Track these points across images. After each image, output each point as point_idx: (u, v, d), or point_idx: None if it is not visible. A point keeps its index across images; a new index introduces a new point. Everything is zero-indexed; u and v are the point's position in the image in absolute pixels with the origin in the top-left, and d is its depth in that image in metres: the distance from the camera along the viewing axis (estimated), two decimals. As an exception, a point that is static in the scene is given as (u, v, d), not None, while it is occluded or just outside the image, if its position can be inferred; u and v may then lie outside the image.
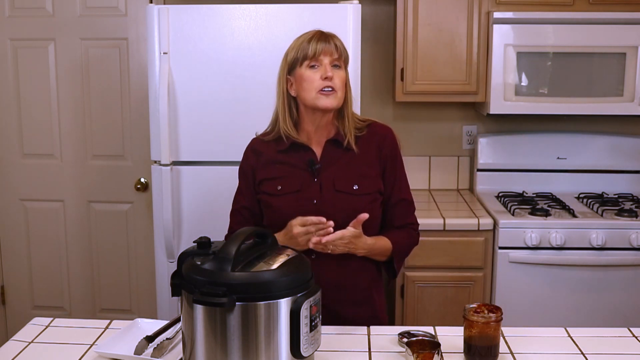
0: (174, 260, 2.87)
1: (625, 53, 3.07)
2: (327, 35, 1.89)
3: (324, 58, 1.86)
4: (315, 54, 1.86)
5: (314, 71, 1.86)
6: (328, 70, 1.85)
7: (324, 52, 1.86)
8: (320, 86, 1.85)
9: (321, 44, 1.86)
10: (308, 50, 1.86)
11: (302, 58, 1.87)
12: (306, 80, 1.86)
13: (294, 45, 1.91)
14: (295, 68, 1.89)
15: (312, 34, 1.90)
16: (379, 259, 1.98)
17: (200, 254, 1.52)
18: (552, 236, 2.89)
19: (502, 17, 3.07)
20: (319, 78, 1.85)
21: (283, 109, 1.93)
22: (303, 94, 1.89)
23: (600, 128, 3.49)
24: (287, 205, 1.92)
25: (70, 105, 3.53)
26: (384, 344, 1.73)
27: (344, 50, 1.90)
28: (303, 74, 1.87)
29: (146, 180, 3.54)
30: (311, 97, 1.87)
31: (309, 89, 1.86)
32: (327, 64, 1.86)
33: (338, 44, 1.88)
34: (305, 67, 1.87)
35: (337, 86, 1.87)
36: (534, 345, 1.73)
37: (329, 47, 1.87)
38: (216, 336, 1.44)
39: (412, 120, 3.53)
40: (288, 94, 1.93)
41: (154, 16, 2.76)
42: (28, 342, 1.75)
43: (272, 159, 1.96)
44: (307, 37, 1.89)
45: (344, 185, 1.92)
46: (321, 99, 1.86)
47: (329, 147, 1.95)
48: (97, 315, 3.68)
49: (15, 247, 3.69)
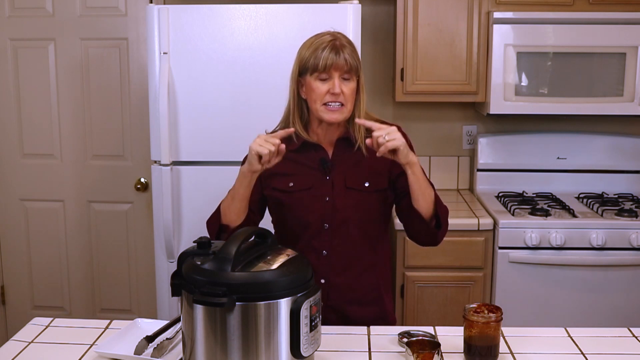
0: (174, 260, 2.87)
1: (625, 53, 3.07)
2: (338, 47, 1.85)
3: (334, 72, 1.84)
4: (325, 67, 1.83)
5: (322, 83, 1.85)
6: (336, 87, 1.83)
7: (334, 67, 1.83)
8: (327, 100, 1.85)
9: (332, 56, 1.83)
10: (319, 63, 1.83)
11: (313, 69, 1.85)
12: (314, 91, 1.86)
13: (307, 47, 1.88)
14: (305, 73, 1.87)
15: (325, 42, 1.85)
16: (422, 199, 1.84)
17: (200, 254, 1.51)
18: (552, 236, 2.89)
19: (502, 17, 3.07)
20: (326, 91, 1.84)
21: (294, 110, 1.93)
22: (311, 103, 1.89)
23: (600, 128, 3.49)
24: (299, 202, 1.93)
25: (70, 105, 3.53)
26: (384, 344, 1.73)
27: (354, 63, 1.86)
28: (312, 83, 1.86)
29: (146, 180, 3.54)
30: (317, 108, 1.87)
31: (316, 99, 1.86)
32: (337, 77, 1.84)
33: (348, 58, 1.84)
34: (314, 78, 1.85)
35: (346, 99, 1.86)
36: (534, 345, 1.73)
37: (339, 61, 1.83)
38: (216, 336, 1.44)
39: (412, 120, 3.53)
40: (299, 96, 1.92)
41: (154, 16, 2.76)
42: (28, 342, 1.75)
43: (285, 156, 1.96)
44: (321, 44, 1.85)
45: (355, 182, 1.92)
46: (326, 113, 1.86)
47: (340, 145, 1.95)
48: (97, 315, 3.68)
49: (15, 247, 3.68)
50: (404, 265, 3.01)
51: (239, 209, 1.89)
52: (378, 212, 1.96)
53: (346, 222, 1.92)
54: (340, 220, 1.92)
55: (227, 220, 1.90)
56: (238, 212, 1.89)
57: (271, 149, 1.76)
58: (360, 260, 1.95)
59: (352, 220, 1.92)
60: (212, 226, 1.96)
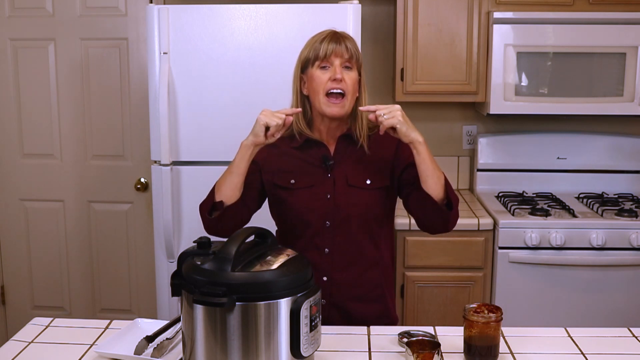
0: (174, 260, 2.87)
1: (625, 53, 3.07)
2: (339, 36, 1.89)
3: (335, 59, 1.86)
4: (326, 54, 1.86)
5: (324, 72, 1.87)
6: (337, 72, 1.85)
7: (335, 54, 1.86)
8: (329, 87, 1.86)
9: (332, 44, 1.86)
10: (319, 51, 1.86)
11: (314, 58, 1.88)
12: (315, 81, 1.87)
13: (308, 44, 1.92)
14: (307, 67, 1.90)
15: (325, 34, 1.90)
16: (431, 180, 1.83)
17: (200, 254, 1.52)
18: (552, 236, 2.89)
19: (502, 17, 3.07)
20: (328, 79, 1.86)
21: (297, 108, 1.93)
22: (313, 96, 1.90)
23: (600, 128, 3.49)
24: (301, 200, 1.93)
25: (70, 105, 3.53)
26: (384, 344, 1.73)
27: (355, 52, 1.89)
28: (313, 74, 1.88)
29: (146, 180, 3.54)
30: (319, 100, 1.87)
31: (318, 89, 1.87)
32: (338, 65, 1.86)
33: (349, 46, 1.88)
34: (316, 68, 1.88)
35: (347, 88, 1.87)
36: (534, 345, 1.73)
37: (339, 48, 1.86)
38: (216, 336, 1.44)
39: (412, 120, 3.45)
40: (301, 93, 1.94)
41: (154, 16, 2.76)
42: (28, 342, 1.75)
43: (287, 152, 1.96)
44: (320, 37, 1.89)
45: (357, 180, 1.93)
46: (328, 106, 1.87)
47: (342, 143, 1.96)
48: (97, 315, 3.68)
49: (15, 247, 3.68)
50: (404, 265, 3.01)
51: (236, 184, 1.86)
52: (380, 210, 1.96)
53: (348, 220, 1.92)
54: (342, 217, 1.92)
55: (222, 196, 1.87)
56: (234, 188, 1.87)
57: (279, 122, 1.78)
58: (362, 257, 1.96)
59: (354, 218, 1.92)
60: (205, 205, 1.92)
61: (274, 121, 1.78)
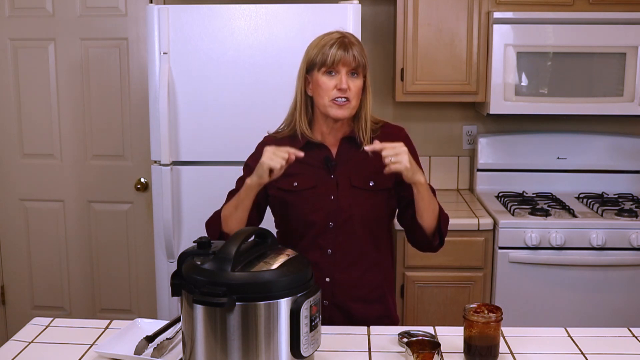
0: (174, 260, 2.87)
1: (625, 53, 3.07)
2: (347, 43, 1.87)
3: (342, 68, 1.86)
4: (333, 62, 1.85)
5: (330, 78, 1.87)
6: (343, 82, 1.85)
7: (342, 62, 1.86)
8: (334, 95, 1.86)
9: (340, 52, 1.85)
10: (327, 58, 1.86)
11: (320, 64, 1.87)
12: (321, 87, 1.87)
13: (315, 45, 1.90)
14: (313, 70, 1.89)
15: (334, 39, 1.88)
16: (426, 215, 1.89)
17: (200, 254, 1.52)
18: (552, 236, 2.89)
19: (502, 17, 3.07)
20: (333, 87, 1.86)
21: (300, 107, 1.94)
22: (317, 99, 1.90)
23: (600, 128, 3.49)
24: (304, 201, 1.93)
25: (70, 105, 3.53)
26: (384, 344, 1.73)
27: (362, 59, 1.89)
28: (319, 79, 1.88)
29: (146, 180, 3.54)
30: (324, 104, 1.88)
31: (323, 95, 1.87)
32: (344, 74, 1.86)
33: (356, 54, 1.87)
34: (322, 73, 1.87)
35: (352, 96, 1.87)
36: (534, 345, 1.73)
37: (347, 57, 1.85)
38: (216, 336, 1.44)
39: (412, 120, 3.53)
40: (305, 93, 1.94)
41: (154, 16, 2.76)
42: (28, 342, 1.75)
43: None
44: (329, 41, 1.88)
45: (360, 181, 1.93)
46: (333, 108, 1.88)
47: (345, 145, 1.96)
48: (97, 315, 3.68)
49: (15, 247, 3.68)
50: (404, 265, 3.01)
51: (242, 219, 1.91)
52: (383, 211, 1.97)
53: (351, 221, 1.92)
54: (345, 218, 1.92)
55: (229, 229, 1.92)
56: (240, 222, 1.91)
57: (282, 163, 1.79)
58: (364, 258, 1.96)
59: (357, 219, 1.92)
60: (213, 230, 1.97)
61: (277, 164, 1.79)
